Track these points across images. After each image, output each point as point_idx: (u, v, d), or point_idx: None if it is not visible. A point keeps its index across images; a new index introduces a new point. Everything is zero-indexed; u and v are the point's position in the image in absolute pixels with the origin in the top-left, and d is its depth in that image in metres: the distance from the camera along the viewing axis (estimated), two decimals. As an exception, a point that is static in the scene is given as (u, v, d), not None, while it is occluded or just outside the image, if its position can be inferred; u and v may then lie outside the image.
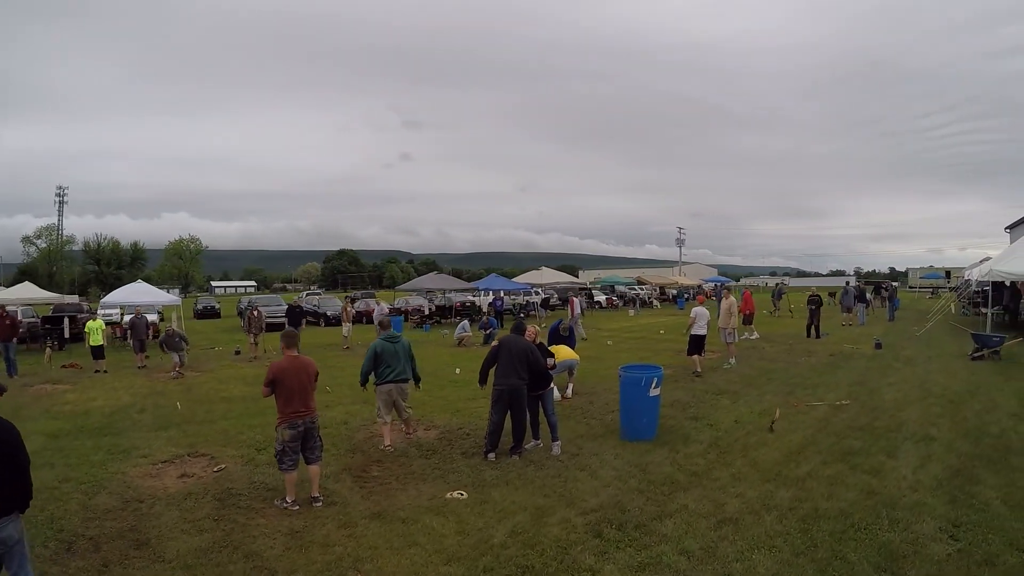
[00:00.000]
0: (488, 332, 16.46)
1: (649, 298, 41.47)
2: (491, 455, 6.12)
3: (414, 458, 6.36)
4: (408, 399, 6.93)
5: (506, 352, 6.20)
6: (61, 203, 64.66)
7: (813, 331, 18.49)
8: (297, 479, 4.93)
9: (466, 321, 17.89)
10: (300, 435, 4.82)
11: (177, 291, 59.52)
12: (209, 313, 35.18)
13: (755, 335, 19.55)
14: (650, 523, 4.61)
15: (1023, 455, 6.61)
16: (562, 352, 9.06)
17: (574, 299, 21.41)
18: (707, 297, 41.67)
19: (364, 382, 6.86)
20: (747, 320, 19.76)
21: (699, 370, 11.74)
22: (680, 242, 65.24)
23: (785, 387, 11.18)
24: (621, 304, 37.89)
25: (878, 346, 16.07)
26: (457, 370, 12.34)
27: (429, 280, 30.81)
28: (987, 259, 22.92)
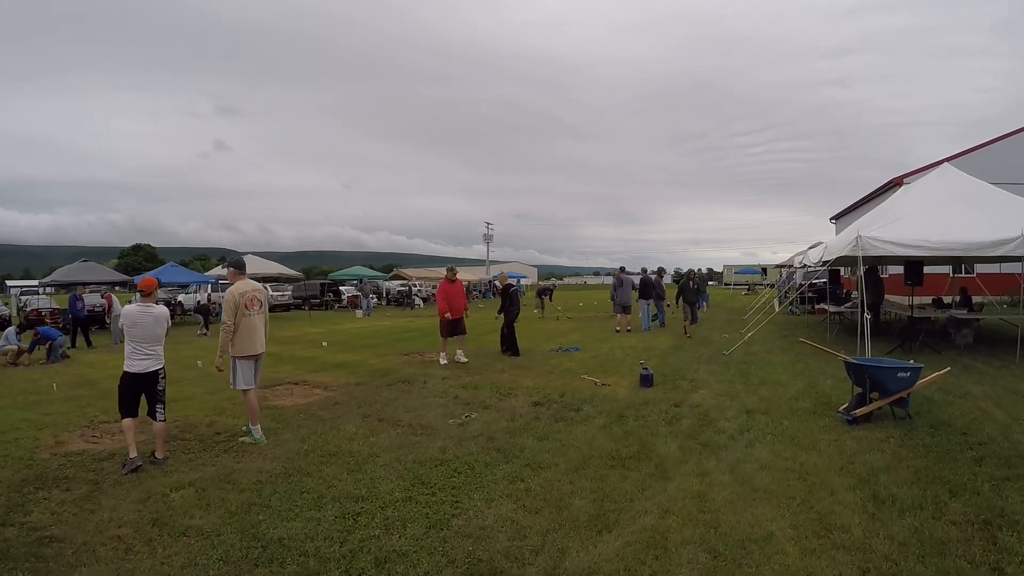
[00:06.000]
0: (49, 346, 13.69)
1: (412, 296, 39.02)
2: None
3: None
4: None
5: None
6: None
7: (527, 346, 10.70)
8: None
9: (12, 329, 14.19)
10: None
11: None
12: None
13: (462, 358, 11.28)
14: None
15: None
16: None
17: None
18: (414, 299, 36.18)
19: None
20: (451, 330, 11.43)
21: (135, 456, 5.45)
22: (488, 238, 68.48)
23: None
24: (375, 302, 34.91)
25: (645, 380, 7.76)
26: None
27: (65, 272, 25.94)
28: (817, 245, 17.80)
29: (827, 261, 10.80)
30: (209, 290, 27.64)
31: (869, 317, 8.73)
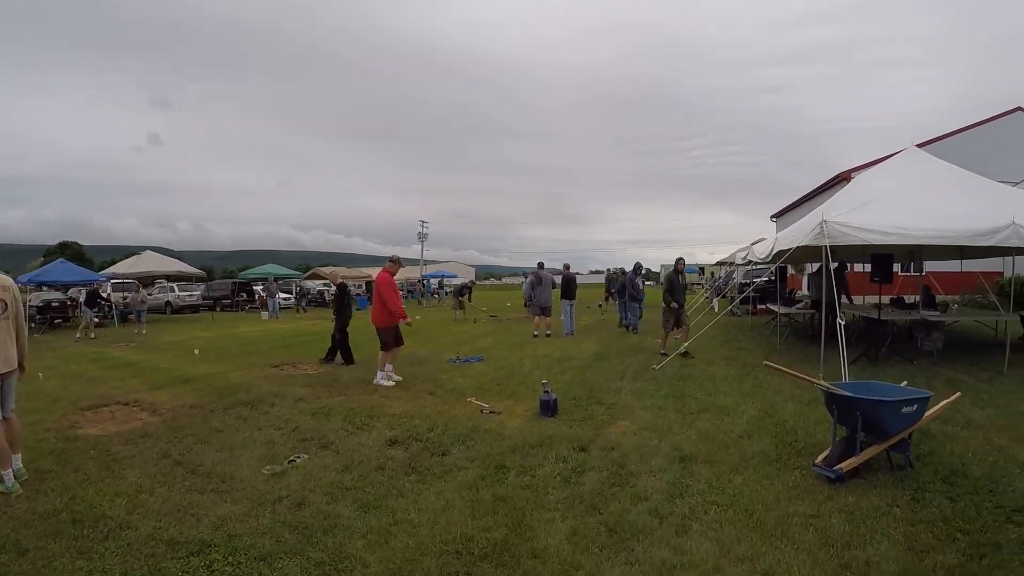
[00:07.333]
0: None
1: (329, 296, 36.28)
2: None
3: None
4: None
5: None
6: None
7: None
8: None
9: None
10: None
11: None
12: None
13: (391, 379, 8.83)
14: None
15: None
16: None
17: None
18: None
19: None
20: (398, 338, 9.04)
21: None
22: (423, 237, 67.79)
23: None
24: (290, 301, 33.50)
25: (546, 408, 5.88)
26: None
27: None
28: (760, 241, 16.49)
29: (784, 251, 9.07)
30: (109, 289, 25.85)
31: (841, 323, 6.96)
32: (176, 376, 9.58)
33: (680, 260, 10.68)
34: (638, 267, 15.57)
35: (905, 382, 5.17)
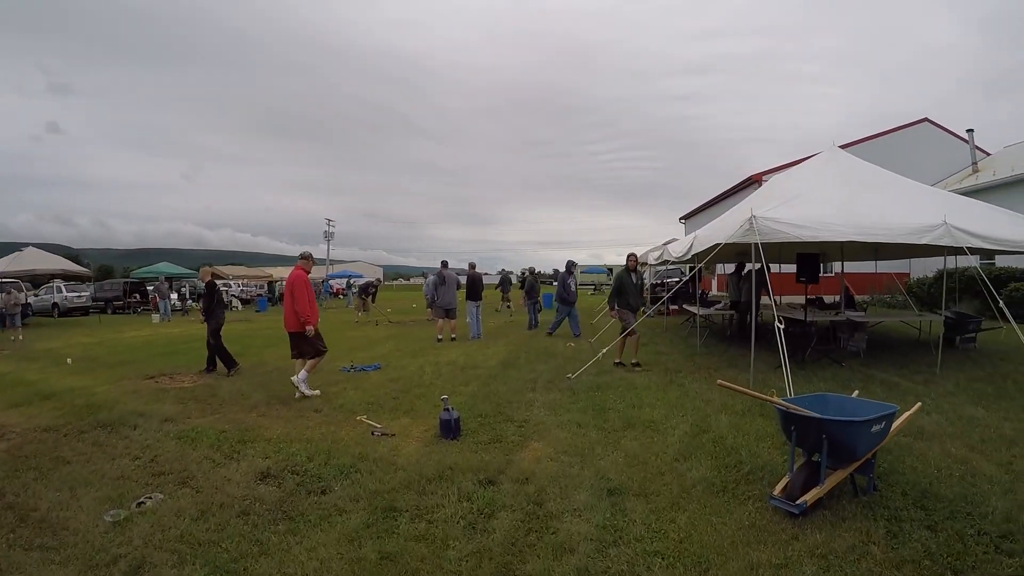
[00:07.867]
0: None
1: (227, 297, 34.75)
2: None
3: None
4: None
5: None
6: None
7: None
8: None
9: None
10: None
11: None
12: None
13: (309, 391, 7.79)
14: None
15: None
16: None
17: None
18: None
19: None
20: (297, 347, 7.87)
21: None
22: (329, 236, 69.21)
23: None
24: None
25: (447, 429, 5.48)
26: None
27: None
28: (672, 241, 16.43)
29: (716, 246, 8.56)
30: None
31: (780, 327, 6.43)
32: (38, 391, 8.38)
33: (631, 256, 9.32)
34: (571, 265, 13.88)
35: (857, 392, 4.62)
